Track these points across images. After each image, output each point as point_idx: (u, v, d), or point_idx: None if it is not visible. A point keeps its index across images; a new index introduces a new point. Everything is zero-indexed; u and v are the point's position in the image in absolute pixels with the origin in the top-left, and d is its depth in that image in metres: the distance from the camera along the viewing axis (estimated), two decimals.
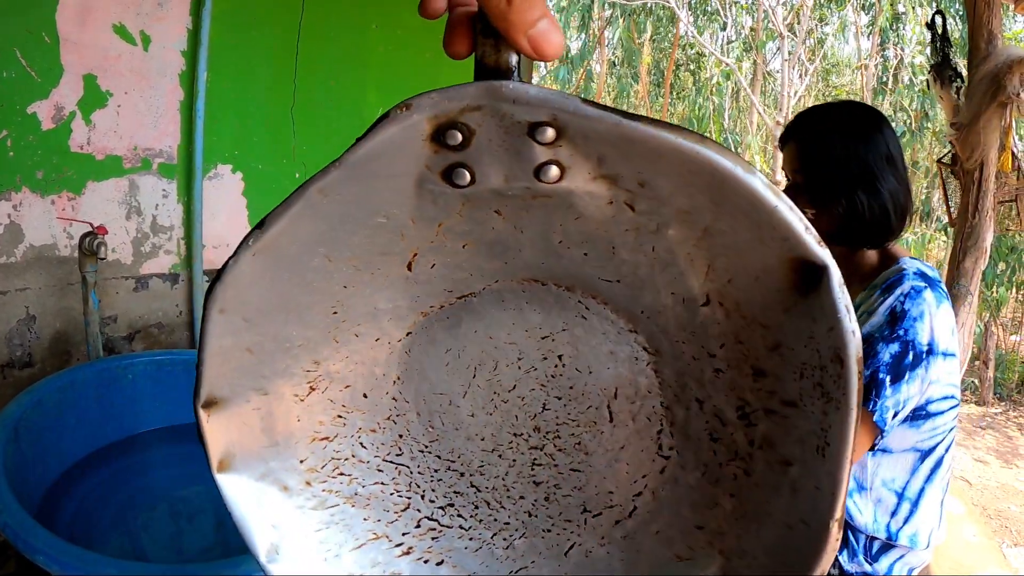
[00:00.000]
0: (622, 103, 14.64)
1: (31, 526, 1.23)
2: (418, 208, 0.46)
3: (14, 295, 2.11)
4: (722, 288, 0.48)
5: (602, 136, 0.41)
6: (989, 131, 3.62)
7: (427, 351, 0.58)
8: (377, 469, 0.60)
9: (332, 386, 0.56)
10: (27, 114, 2.06)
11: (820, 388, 0.46)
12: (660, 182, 0.43)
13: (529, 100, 0.40)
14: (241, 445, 0.53)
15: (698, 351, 0.52)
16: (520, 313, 0.56)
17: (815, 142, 1.50)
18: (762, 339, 0.49)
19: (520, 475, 0.61)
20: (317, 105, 2.82)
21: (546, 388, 0.58)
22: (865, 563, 1.47)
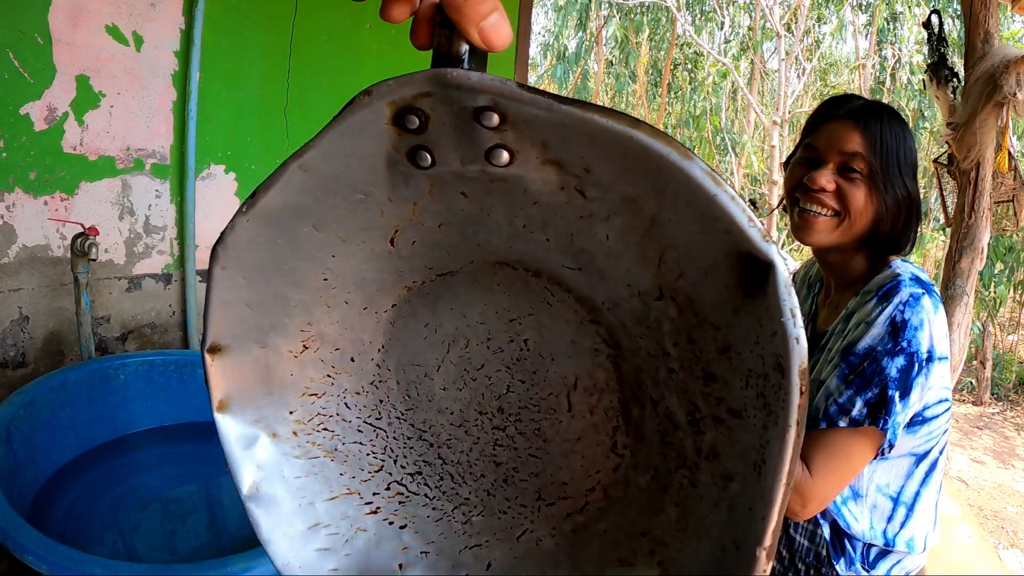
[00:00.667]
0: (619, 102, 14.63)
1: (21, 526, 1.23)
2: (392, 187, 0.49)
3: (7, 295, 2.11)
4: (674, 283, 0.47)
5: (541, 120, 0.41)
6: (986, 131, 3.61)
7: (408, 323, 0.61)
8: (357, 429, 0.64)
9: (323, 347, 0.60)
10: (20, 115, 2.06)
11: (762, 399, 0.44)
12: (601, 167, 0.43)
13: (471, 86, 0.41)
14: (239, 390, 0.58)
15: (654, 347, 0.52)
16: (491, 294, 0.58)
17: (886, 125, 1.42)
18: (713, 340, 0.47)
19: (483, 453, 0.63)
20: (310, 105, 2.82)
21: (511, 371, 0.60)
22: (862, 570, 1.46)
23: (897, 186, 1.41)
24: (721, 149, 11.95)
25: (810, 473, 1.31)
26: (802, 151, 1.51)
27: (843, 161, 1.42)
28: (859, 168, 1.41)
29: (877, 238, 1.45)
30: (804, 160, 1.49)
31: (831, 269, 1.57)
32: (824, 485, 1.30)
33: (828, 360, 1.41)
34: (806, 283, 1.78)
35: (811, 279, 1.76)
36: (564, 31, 13.50)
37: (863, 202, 1.42)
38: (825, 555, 1.45)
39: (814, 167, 1.46)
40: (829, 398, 1.33)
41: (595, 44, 13.23)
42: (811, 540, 1.45)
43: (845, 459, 1.32)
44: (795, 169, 1.51)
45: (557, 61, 13.51)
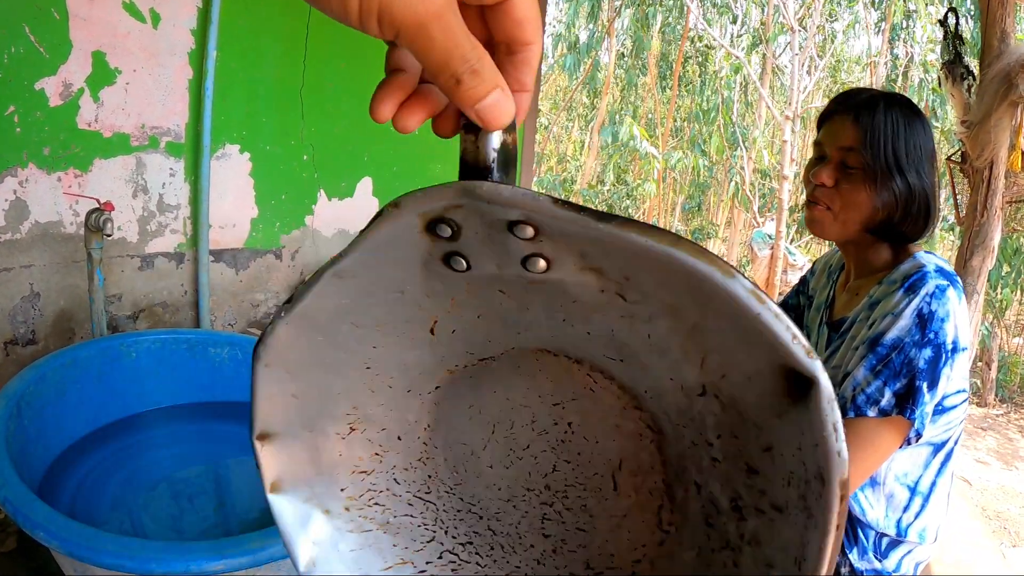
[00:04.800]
0: (629, 94, 14.60)
1: (32, 501, 1.22)
2: (428, 286, 0.50)
3: (19, 272, 2.11)
4: (717, 382, 0.48)
5: (577, 235, 0.42)
6: (1000, 130, 3.60)
7: (453, 404, 0.62)
8: (408, 503, 0.66)
9: (370, 428, 0.62)
10: (35, 90, 2.05)
11: (803, 502, 0.45)
12: (642, 278, 0.44)
13: (502, 201, 0.41)
14: (290, 472, 0.60)
15: (697, 437, 0.53)
16: (533, 379, 0.59)
17: (880, 118, 1.44)
18: (755, 438, 0.48)
19: (531, 526, 0.64)
20: (326, 87, 2.81)
21: (556, 451, 0.61)
22: (875, 560, 1.47)
23: (896, 177, 1.43)
24: (732, 143, 11.91)
25: None
26: (814, 148, 1.57)
27: (841, 156, 1.49)
28: (854, 163, 1.46)
29: (887, 229, 1.47)
30: (815, 159, 1.57)
31: (852, 257, 1.60)
32: (852, 473, 1.33)
33: (852, 347, 1.42)
34: (827, 270, 1.80)
35: (832, 267, 1.78)
36: (576, 21, 13.45)
37: (857, 196, 1.46)
38: None
39: (821, 163, 1.50)
40: (856, 388, 1.34)
41: (606, 35, 13.18)
42: None
43: (873, 448, 1.34)
44: (808, 166, 1.58)
45: (568, 52, 13.47)
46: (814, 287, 1.83)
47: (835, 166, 1.48)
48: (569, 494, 0.62)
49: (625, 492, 0.60)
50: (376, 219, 0.45)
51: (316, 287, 0.50)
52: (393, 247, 0.46)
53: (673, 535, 0.59)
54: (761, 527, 0.50)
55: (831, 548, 0.44)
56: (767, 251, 9.16)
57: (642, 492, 0.59)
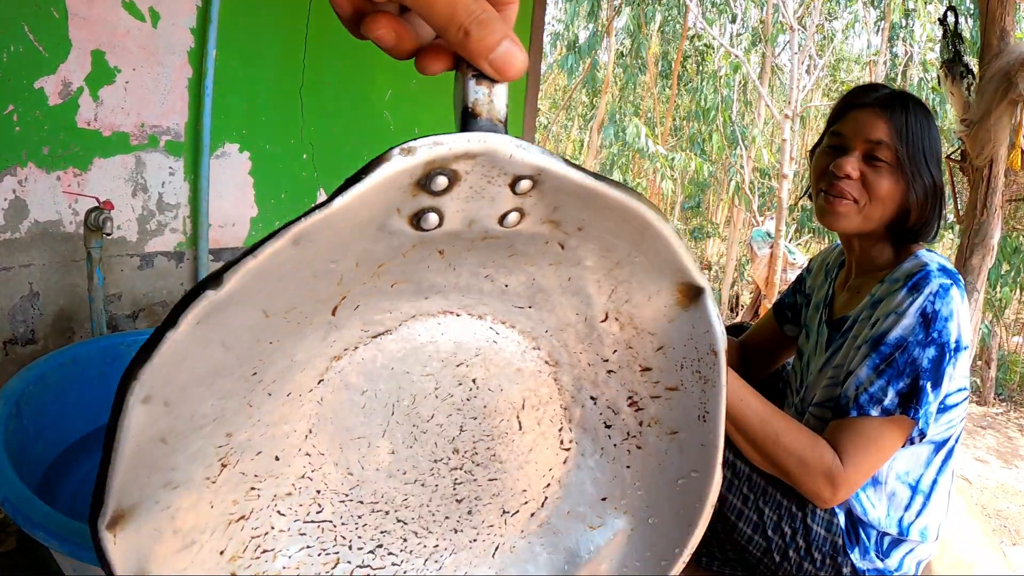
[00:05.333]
0: (629, 93, 14.58)
1: (31, 501, 1.22)
2: (368, 251, 0.47)
3: (18, 271, 2.10)
4: (620, 307, 0.60)
5: (570, 190, 0.47)
6: (999, 128, 3.60)
7: (340, 396, 0.57)
8: (299, 533, 0.59)
9: (243, 457, 0.53)
10: (34, 89, 2.05)
11: (698, 375, 0.60)
12: (597, 226, 0.52)
13: (525, 158, 0.43)
14: (153, 558, 0.47)
15: (593, 358, 0.63)
16: (434, 345, 0.58)
17: (911, 114, 1.43)
18: (649, 343, 0.61)
19: (444, 498, 0.64)
20: (326, 86, 2.81)
21: (462, 412, 0.61)
22: (876, 559, 1.47)
23: (923, 174, 1.42)
24: (731, 142, 11.91)
25: (841, 461, 1.33)
26: (828, 139, 1.52)
27: (869, 149, 1.44)
28: (884, 156, 1.42)
29: (903, 226, 1.46)
30: (831, 148, 1.51)
31: (855, 254, 1.58)
32: (855, 473, 1.33)
33: (855, 347, 1.42)
34: (824, 268, 1.80)
35: (829, 265, 1.77)
36: (575, 21, 13.44)
37: (886, 190, 1.43)
38: (841, 544, 1.45)
39: (840, 155, 1.47)
40: (859, 387, 1.34)
41: (605, 34, 13.17)
42: (827, 529, 1.45)
43: (876, 447, 1.33)
44: (821, 157, 1.53)
45: (567, 51, 13.45)
46: (811, 285, 1.83)
47: (860, 158, 1.45)
48: (478, 449, 0.63)
49: (529, 428, 0.65)
50: (374, 167, 0.40)
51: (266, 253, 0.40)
52: (371, 203, 0.42)
53: (575, 450, 0.67)
54: (660, 409, 0.63)
55: (724, 399, 0.60)
56: (766, 250, 9.16)
57: (543, 423, 0.65)
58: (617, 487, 0.67)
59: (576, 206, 0.49)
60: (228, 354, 0.45)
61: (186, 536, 0.50)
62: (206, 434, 0.48)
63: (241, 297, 0.42)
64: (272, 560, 0.57)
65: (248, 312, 0.44)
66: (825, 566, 1.47)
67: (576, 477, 0.68)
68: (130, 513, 0.44)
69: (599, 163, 14.51)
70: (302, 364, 0.53)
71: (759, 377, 1.96)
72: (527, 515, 0.68)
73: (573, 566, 0.67)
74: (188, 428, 0.46)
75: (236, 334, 0.44)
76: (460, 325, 0.58)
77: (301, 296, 0.46)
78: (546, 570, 0.68)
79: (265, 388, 0.51)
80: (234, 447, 0.51)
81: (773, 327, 1.94)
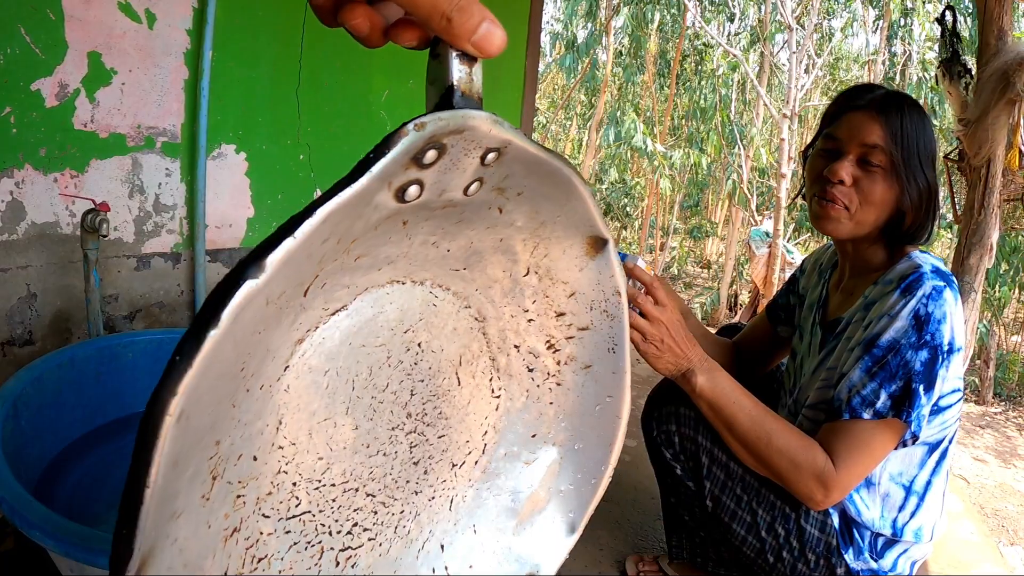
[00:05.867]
0: (627, 92, 14.59)
1: (28, 501, 1.22)
2: (349, 227, 0.47)
3: (15, 272, 2.10)
4: (540, 261, 0.66)
5: (523, 160, 0.52)
6: (997, 128, 3.59)
7: (305, 381, 0.57)
8: (285, 532, 0.58)
9: (228, 465, 0.50)
10: (31, 91, 2.05)
11: (606, 313, 0.69)
12: (534, 191, 0.57)
13: (500, 132, 0.47)
14: None
15: (515, 309, 0.70)
16: (384, 315, 0.61)
17: (907, 117, 1.41)
18: (562, 291, 0.69)
19: (403, 463, 0.68)
20: (322, 87, 2.81)
21: (412, 376, 0.66)
22: (871, 560, 1.47)
23: (918, 177, 1.41)
24: (730, 141, 11.91)
25: (833, 463, 1.33)
26: (822, 141, 1.50)
27: (863, 153, 1.42)
28: (878, 160, 1.41)
29: (897, 229, 1.45)
30: (825, 151, 1.49)
31: (848, 256, 1.58)
32: (847, 475, 1.33)
33: (848, 348, 1.41)
34: (817, 269, 1.79)
35: (822, 265, 1.76)
36: (574, 20, 13.44)
37: (880, 195, 1.42)
38: (835, 545, 1.45)
39: (834, 158, 1.46)
40: (852, 390, 1.34)
41: (604, 34, 13.17)
42: (821, 530, 1.46)
43: (868, 450, 1.33)
44: (815, 160, 1.51)
45: (566, 50, 13.45)
46: (805, 286, 1.82)
47: (855, 162, 1.44)
48: (427, 410, 0.68)
49: (466, 382, 0.71)
50: (394, 141, 0.41)
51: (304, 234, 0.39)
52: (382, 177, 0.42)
53: (504, 396, 0.74)
54: (574, 348, 0.72)
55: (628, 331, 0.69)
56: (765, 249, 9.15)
57: (477, 375, 0.71)
58: (544, 423, 0.75)
59: (522, 173, 0.54)
60: (234, 351, 0.41)
61: (194, 567, 0.46)
62: (202, 447, 0.44)
63: (264, 287, 0.38)
64: (268, 567, 0.56)
65: (259, 303, 0.40)
66: (819, 567, 1.47)
67: (508, 421, 0.75)
68: (148, 560, 0.39)
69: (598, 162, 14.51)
70: (273, 353, 0.51)
71: (752, 378, 1.95)
72: (472, 464, 0.74)
73: (517, 502, 0.75)
74: (191, 443, 0.41)
75: (244, 328, 0.40)
76: (403, 292, 0.62)
77: (290, 279, 0.45)
78: (495, 511, 0.75)
79: (246, 384, 0.48)
80: (221, 456, 0.48)
81: (766, 328, 1.94)
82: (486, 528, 0.74)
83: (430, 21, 0.44)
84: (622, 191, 13.27)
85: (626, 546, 2.13)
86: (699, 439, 1.57)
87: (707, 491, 1.56)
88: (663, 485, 1.75)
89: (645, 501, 2.39)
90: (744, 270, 12.21)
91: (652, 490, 2.43)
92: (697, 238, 16.02)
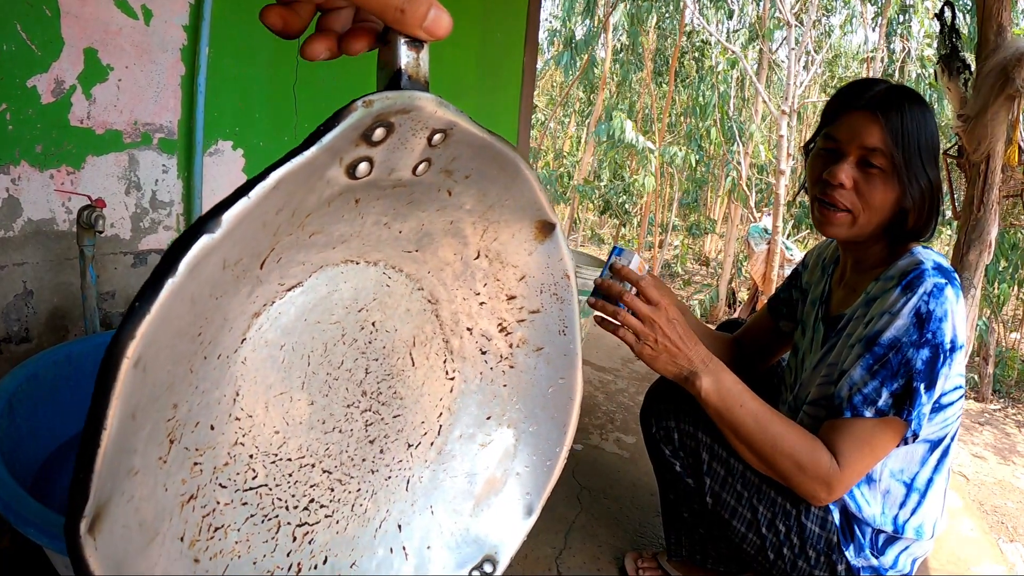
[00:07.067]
0: (625, 89, 14.58)
1: (23, 498, 1.22)
2: (303, 201, 0.50)
3: (11, 270, 2.10)
4: (489, 244, 0.68)
5: (469, 142, 0.54)
6: (996, 124, 3.59)
7: (262, 354, 0.59)
8: (242, 503, 0.60)
9: (186, 430, 0.52)
10: (27, 87, 2.04)
11: (555, 296, 0.72)
12: (481, 174, 0.59)
13: (445, 114, 0.50)
14: (125, 558, 0.44)
15: (467, 293, 0.72)
16: (338, 293, 0.63)
17: (907, 117, 1.38)
18: (512, 275, 0.71)
19: (359, 441, 0.69)
20: (319, 83, 2.80)
21: (366, 355, 0.67)
22: (872, 557, 1.46)
23: (920, 177, 1.39)
24: (728, 138, 11.90)
25: (837, 462, 1.33)
26: (822, 141, 1.48)
27: (862, 155, 1.40)
28: (878, 163, 1.39)
29: (900, 228, 1.44)
30: (824, 152, 1.47)
31: (850, 252, 1.57)
32: (850, 473, 1.33)
33: (848, 345, 1.40)
34: (820, 264, 1.78)
35: (825, 260, 1.75)
36: (572, 18, 13.42)
37: (880, 198, 1.40)
38: (835, 542, 1.45)
39: (834, 159, 1.44)
40: (853, 387, 1.33)
41: (602, 31, 13.15)
42: (822, 527, 1.45)
43: (870, 448, 1.33)
44: (815, 162, 1.50)
45: (564, 48, 13.44)
46: (808, 281, 1.81)
47: (855, 165, 1.42)
48: (382, 389, 0.70)
49: (420, 363, 0.73)
50: (343, 116, 0.44)
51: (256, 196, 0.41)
52: (331, 150, 0.46)
53: (458, 378, 0.76)
54: (526, 330, 0.74)
55: (577, 312, 0.72)
56: (764, 246, 9.14)
57: (431, 357, 0.73)
58: (498, 405, 0.77)
59: (469, 156, 0.56)
60: (191, 310, 0.43)
61: (150, 528, 0.48)
62: (159, 407, 0.46)
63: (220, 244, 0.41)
64: (225, 536, 0.58)
65: (215, 262, 0.43)
66: (820, 563, 1.46)
67: (462, 402, 0.77)
68: (104, 511, 0.41)
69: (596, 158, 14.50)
70: (230, 323, 0.54)
71: (754, 372, 1.95)
72: (428, 445, 0.75)
73: (474, 483, 0.76)
74: (149, 399, 0.43)
75: (201, 287, 0.43)
76: (357, 272, 0.64)
77: (247, 246, 0.47)
78: (451, 493, 0.76)
79: (203, 351, 0.50)
80: (179, 419, 0.50)
81: (768, 322, 1.93)
82: (443, 509, 0.76)
83: (385, 13, 0.48)
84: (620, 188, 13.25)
85: (625, 543, 2.13)
86: (699, 435, 1.56)
87: (707, 488, 1.56)
88: (662, 482, 1.75)
89: (644, 498, 2.38)
90: (743, 267, 12.20)
91: (651, 486, 2.43)
92: (696, 235, 16.01)
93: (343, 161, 0.48)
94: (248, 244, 0.47)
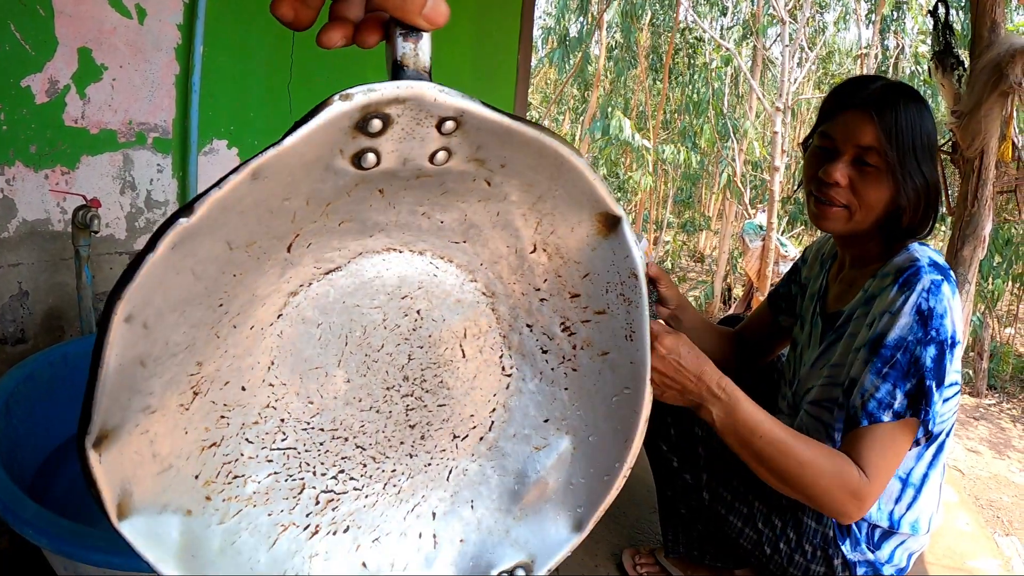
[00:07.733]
0: (620, 87, 14.58)
1: (21, 499, 1.22)
2: (317, 189, 0.51)
3: (7, 270, 2.09)
4: (546, 238, 0.65)
5: (490, 129, 0.52)
6: (990, 120, 3.59)
7: (298, 329, 0.61)
8: (267, 460, 0.63)
9: (213, 387, 0.57)
10: (20, 87, 2.04)
11: (622, 297, 0.66)
12: (517, 162, 0.56)
13: (447, 100, 0.49)
14: (136, 479, 0.51)
15: (526, 288, 0.69)
16: (381, 279, 0.63)
17: (902, 115, 1.38)
18: (576, 271, 0.67)
19: (397, 424, 0.68)
20: (314, 81, 2.80)
21: (409, 341, 0.67)
22: (868, 551, 1.47)
23: (914, 175, 1.39)
24: (723, 135, 11.91)
25: (865, 474, 1.28)
26: (818, 139, 1.49)
27: (857, 154, 1.41)
28: (873, 161, 1.39)
29: (896, 226, 1.44)
30: (820, 150, 1.48)
31: (847, 248, 1.57)
32: (878, 483, 1.29)
33: (853, 348, 1.40)
34: (819, 259, 1.79)
35: (824, 255, 1.76)
36: (565, 15, 13.41)
37: (875, 196, 1.41)
38: (832, 536, 1.45)
39: (829, 157, 1.45)
40: (865, 394, 1.31)
41: (596, 28, 13.15)
42: (818, 521, 1.45)
43: (894, 452, 1.31)
44: (812, 159, 1.50)
45: (558, 45, 13.44)
46: (807, 275, 1.82)
47: (849, 163, 1.42)
48: (426, 376, 0.69)
49: (472, 356, 0.70)
50: (318, 111, 0.45)
51: (229, 186, 0.44)
52: (316, 143, 0.47)
53: (516, 375, 0.73)
54: (590, 332, 0.70)
55: (647, 318, 0.66)
56: (758, 242, 9.14)
57: (485, 351, 0.71)
58: (557, 408, 0.73)
59: (497, 144, 0.54)
60: (198, 283, 0.49)
61: (164, 460, 0.54)
62: (179, 361, 0.52)
63: (208, 227, 0.45)
64: (243, 485, 0.61)
65: (214, 242, 0.47)
66: (816, 558, 1.47)
67: (519, 401, 0.74)
68: (113, 434, 0.47)
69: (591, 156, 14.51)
70: (262, 299, 0.57)
71: (754, 367, 1.95)
72: (476, 439, 0.73)
73: (523, 486, 0.73)
74: (164, 353, 0.49)
75: (204, 264, 0.48)
76: (402, 261, 0.64)
77: (260, 231, 0.51)
78: (497, 491, 0.74)
79: (231, 320, 0.55)
80: (205, 376, 0.55)
81: (768, 317, 1.94)
82: (485, 506, 0.74)
83: (387, 4, 0.49)
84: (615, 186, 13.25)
85: (622, 539, 2.13)
86: (696, 431, 1.57)
87: (704, 483, 1.56)
88: (659, 477, 1.75)
89: (641, 493, 2.39)
90: (738, 264, 12.21)
91: (648, 482, 2.43)
92: (690, 232, 16.03)
93: (344, 152, 0.49)
94: (256, 228, 0.50)
